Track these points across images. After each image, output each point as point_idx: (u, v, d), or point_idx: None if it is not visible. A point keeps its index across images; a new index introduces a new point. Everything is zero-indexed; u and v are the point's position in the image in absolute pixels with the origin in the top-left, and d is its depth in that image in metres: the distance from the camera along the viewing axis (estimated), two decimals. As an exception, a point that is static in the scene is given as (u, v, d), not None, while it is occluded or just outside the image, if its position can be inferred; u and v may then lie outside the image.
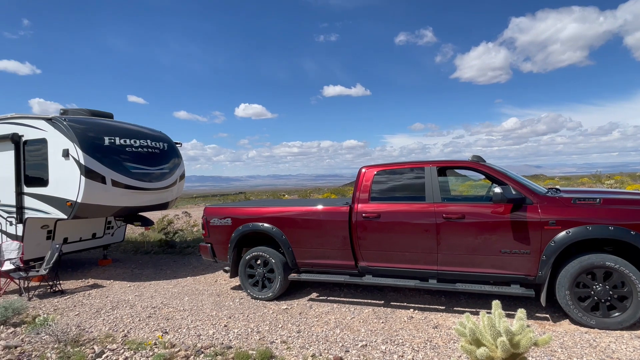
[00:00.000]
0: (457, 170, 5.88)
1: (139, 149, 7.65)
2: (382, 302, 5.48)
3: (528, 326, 2.89)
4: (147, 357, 3.82)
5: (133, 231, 13.28)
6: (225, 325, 4.85)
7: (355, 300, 5.64)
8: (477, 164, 5.02)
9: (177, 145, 8.86)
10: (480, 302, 5.23)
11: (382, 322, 4.70)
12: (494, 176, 4.85)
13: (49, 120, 7.05)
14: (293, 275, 5.71)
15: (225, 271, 6.33)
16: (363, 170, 5.45)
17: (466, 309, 4.96)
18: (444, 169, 5.40)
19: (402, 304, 5.35)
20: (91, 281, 7.56)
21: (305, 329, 4.60)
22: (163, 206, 8.37)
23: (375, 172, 5.36)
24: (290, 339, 4.34)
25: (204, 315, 5.29)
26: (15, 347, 4.29)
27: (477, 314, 4.34)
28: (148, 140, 7.96)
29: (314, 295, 5.98)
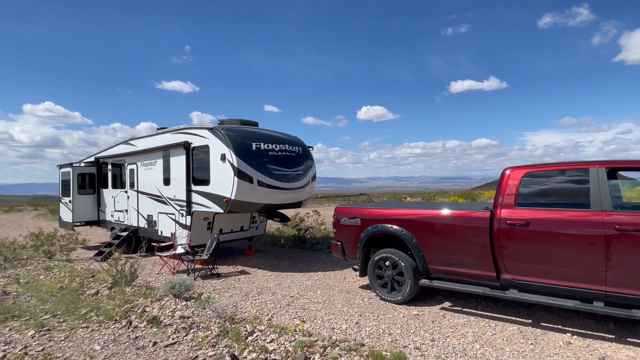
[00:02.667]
0: (622, 173, 4.86)
1: (279, 153, 8.47)
2: (530, 321, 4.86)
3: None
4: (290, 342, 4.18)
5: (270, 226, 14.73)
6: (357, 323, 4.97)
7: (495, 315, 5.14)
8: (666, 165, 4.05)
9: (309, 149, 9.51)
10: (668, 337, 4.20)
11: (531, 344, 4.17)
12: (693, 180, 3.83)
13: (210, 129, 8.35)
14: (424, 281, 5.51)
15: (355, 270, 6.51)
16: (507, 171, 4.93)
17: (647, 343, 4.05)
18: (615, 170, 4.51)
19: (556, 326, 4.65)
20: (240, 268, 8.66)
21: (439, 339, 4.39)
22: (297, 204, 9.07)
23: (523, 174, 4.78)
24: (424, 346, 4.21)
25: (336, 309, 5.52)
26: (187, 318, 5.19)
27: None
28: (286, 145, 8.75)
29: (446, 304, 5.67)
